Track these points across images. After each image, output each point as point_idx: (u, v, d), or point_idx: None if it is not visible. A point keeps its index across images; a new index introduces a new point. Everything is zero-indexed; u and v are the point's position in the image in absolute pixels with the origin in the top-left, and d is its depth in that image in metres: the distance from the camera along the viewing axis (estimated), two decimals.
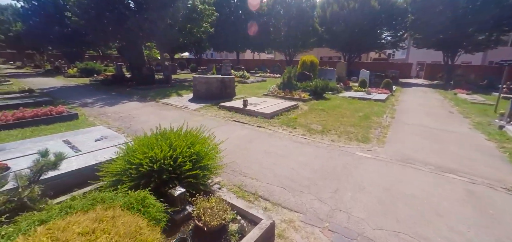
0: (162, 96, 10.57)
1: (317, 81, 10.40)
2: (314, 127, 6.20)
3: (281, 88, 10.71)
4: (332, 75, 13.51)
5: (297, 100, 9.47)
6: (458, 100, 12.16)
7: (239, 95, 10.57)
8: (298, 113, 7.63)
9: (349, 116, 7.44)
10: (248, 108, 7.41)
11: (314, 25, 28.32)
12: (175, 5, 13.68)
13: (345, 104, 9.44)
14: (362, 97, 10.81)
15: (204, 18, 16.90)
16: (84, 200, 2.19)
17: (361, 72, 17.59)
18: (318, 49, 40.73)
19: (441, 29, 21.79)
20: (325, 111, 8.04)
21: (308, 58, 12.77)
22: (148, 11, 13.60)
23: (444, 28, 21.62)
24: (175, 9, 14.06)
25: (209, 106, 8.46)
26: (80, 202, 2.14)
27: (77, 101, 9.39)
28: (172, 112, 7.78)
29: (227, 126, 6.18)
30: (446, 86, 20.56)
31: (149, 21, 13.94)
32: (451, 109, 9.71)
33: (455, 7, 20.38)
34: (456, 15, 20.56)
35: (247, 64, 42.66)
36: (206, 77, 9.23)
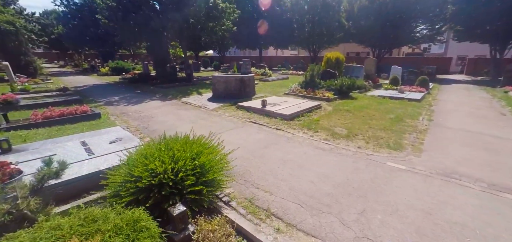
0: (183, 94, 10.59)
1: (342, 79, 9.69)
2: (338, 130, 5.65)
3: (303, 87, 10.15)
4: (359, 73, 12.60)
5: (321, 99, 8.88)
6: (510, 99, 10.61)
7: (259, 94, 10.22)
8: (320, 114, 7.09)
9: (378, 118, 6.73)
10: (266, 108, 7.03)
11: (341, 20, 26.95)
12: (196, 4, 13.67)
13: (374, 104, 8.65)
14: (393, 96, 9.87)
15: (226, 16, 16.73)
16: (74, 218, 2.00)
17: (393, 69, 16.29)
18: (345, 45, 38.89)
19: (488, 20, 19.42)
20: (351, 112, 7.39)
21: (333, 54, 12.02)
22: (171, 11, 13.76)
23: (492, 19, 19.24)
24: (196, 8, 14.07)
25: (228, 106, 8.22)
26: (70, 221, 1.95)
27: (103, 99, 9.72)
28: (190, 111, 7.67)
29: (244, 128, 5.87)
30: (493, 83, 18.33)
31: (172, 21, 14.14)
32: (503, 110, 8.45)
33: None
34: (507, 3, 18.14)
35: (270, 61, 42.19)
36: (225, 76, 9.01)
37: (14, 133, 5.23)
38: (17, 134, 5.18)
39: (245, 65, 10.75)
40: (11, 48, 16.50)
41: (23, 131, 5.39)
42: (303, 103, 7.91)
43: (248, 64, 10.77)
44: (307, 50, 32.84)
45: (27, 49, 17.58)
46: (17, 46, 16.72)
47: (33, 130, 5.60)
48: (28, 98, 8.68)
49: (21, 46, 17.03)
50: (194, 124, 6.25)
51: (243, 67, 10.85)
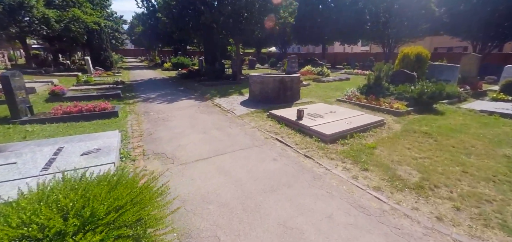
0: (222, 94, 9.70)
1: (423, 84, 6.92)
2: (404, 172, 3.53)
3: (364, 93, 7.78)
4: (451, 75, 9.18)
5: (386, 112, 6.49)
6: None
7: (305, 99, 8.40)
8: (380, 137, 4.90)
9: (481, 154, 4.14)
10: (302, 122, 5.29)
11: (429, 6, 21.65)
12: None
13: (474, 124, 5.75)
14: (507, 113, 6.54)
15: (282, 8, 15.17)
16: None
17: (506, 69, 11.69)
18: (432, 38, 31.87)
19: None
20: (431, 136, 4.91)
21: (412, 50, 9.03)
22: (222, 5, 13.10)
23: None
24: (249, 1, 13.00)
25: (259, 112, 6.80)
26: None
27: (144, 95, 9.69)
28: (213, 116, 6.58)
29: (260, 150, 4.35)
30: None
31: (223, 15, 13.50)
32: None
33: None
34: None
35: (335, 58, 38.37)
36: (262, 76, 7.57)
37: (22, 128, 5.16)
38: (24, 129, 5.07)
39: (290, 63, 9.04)
40: (95, 44, 19.07)
41: (34, 126, 5.29)
42: (358, 117, 5.79)
43: (293, 61, 9.02)
44: (380, 46, 28.14)
45: (107, 46, 20.10)
46: (99, 43, 19.24)
47: (47, 125, 5.47)
48: (76, 90, 9.28)
49: (102, 43, 19.53)
50: (205, 134, 5.09)
51: (288, 64, 9.16)
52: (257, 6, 13.94)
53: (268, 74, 7.84)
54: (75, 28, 17.44)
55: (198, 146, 4.47)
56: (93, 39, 18.92)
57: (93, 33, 18.87)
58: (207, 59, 15.34)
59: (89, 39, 18.97)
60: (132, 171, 3.42)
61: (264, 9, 14.19)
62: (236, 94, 9.59)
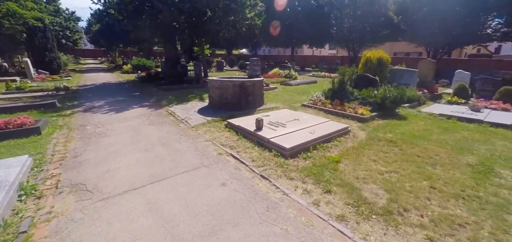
0: (180, 100, 8.79)
1: (386, 89, 6.81)
2: (370, 193, 3.09)
3: (328, 97, 7.49)
4: (410, 79, 9.37)
5: (350, 118, 6.20)
6: None
7: (269, 104, 7.88)
8: (345, 148, 4.50)
9: (446, 164, 3.91)
10: (260, 133, 4.70)
11: (388, 14, 22.84)
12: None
13: (435, 130, 5.67)
14: (464, 117, 6.67)
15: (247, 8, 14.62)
16: None
17: (457, 74, 12.44)
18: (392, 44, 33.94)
19: None
20: (396, 145, 4.64)
21: (374, 54, 9.04)
22: (182, 2, 12.14)
23: None
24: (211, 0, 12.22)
25: (217, 121, 6.09)
26: None
27: (87, 104, 8.38)
28: (162, 128, 5.71)
29: (209, 171, 3.65)
30: None
31: (183, 13, 12.55)
32: None
33: None
34: None
35: (304, 61, 39.07)
36: (220, 81, 6.87)
37: None
38: None
39: (252, 66, 8.47)
40: (38, 44, 16.72)
41: None
42: (322, 125, 5.37)
43: (256, 64, 8.47)
44: (346, 49, 29.17)
45: (53, 46, 17.77)
46: (43, 43, 16.91)
47: None
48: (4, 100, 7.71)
49: (47, 42, 17.21)
50: (146, 153, 4.24)
51: (250, 68, 8.57)
52: (221, 5, 13.23)
53: (228, 78, 7.16)
54: (10, 25, 15.06)
55: (132, 170, 3.63)
56: (35, 38, 16.55)
57: (36, 31, 16.51)
58: (168, 61, 14.18)
59: (30, 38, 16.56)
60: (30, 216, 2.51)
61: (228, 9, 13.52)
62: (196, 100, 8.76)
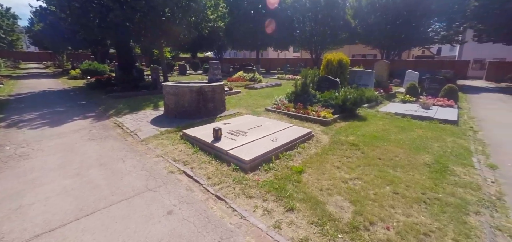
0: (132, 109, 7.90)
1: (346, 91, 6.86)
2: (335, 206, 2.85)
3: (292, 101, 7.35)
4: (368, 80, 9.75)
5: (314, 121, 6.08)
6: None
7: (231, 110, 7.46)
8: (309, 155, 4.28)
9: (406, 165, 3.91)
10: (218, 144, 4.25)
11: (346, 18, 24.09)
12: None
13: (393, 129, 5.81)
14: (417, 115, 7.02)
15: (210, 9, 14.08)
16: None
17: (408, 74, 13.41)
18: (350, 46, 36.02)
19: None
20: (359, 148, 4.57)
21: (334, 56, 9.20)
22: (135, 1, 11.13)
23: None
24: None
25: (172, 132, 5.49)
26: None
27: (14, 117, 7.06)
28: (105, 144, 4.93)
29: (154, 196, 3.11)
30: None
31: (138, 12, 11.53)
32: None
33: None
34: None
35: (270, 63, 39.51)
36: (176, 87, 6.26)
37: None
38: None
39: (212, 69, 7.97)
40: None
41: None
42: (285, 131, 5.12)
43: (216, 68, 7.99)
44: (309, 52, 30.08)
45: None
46: None
47: None
48: None
49: None
50: (76, 178, 3.51)
51: (210, 72, 8.07)
52: (180, 5, 12.48)
53: (185, 84, 6.57)
54: None
55: (53, 203, 2.91)
56: None
57: None
58: (121, 65, 12.95)
59: None
60: None
61: (188, 8, 12.82)
62: (150, 108, 7.96)
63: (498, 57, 27.67)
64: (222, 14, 15.62)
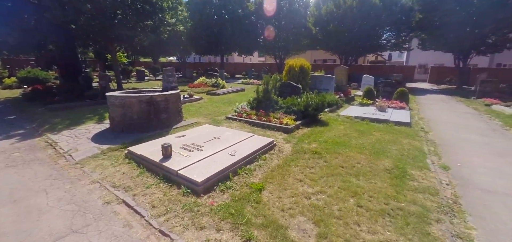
0: (72, 123, 6.83)
1: (308, 96, 6.78)
2: (298, 231, 2.55)
3: (254, 107, 7.05)
4: (329, 84, 9.95)
5: (276, 129, 5.83)
6: (503, 116, 8.75)
7: (190, 120, 6.88)
8: (270, 167, 3.97)
9: (368, 172, 3.81)
10: (167, 164, 3.71)
11: (307, 25, 24.93)
12: None
13: (354, 133, 5.84)
14: (375, 118, 7.25)
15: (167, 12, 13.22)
16: None
17: (364, 78, 14.16)
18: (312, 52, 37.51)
19: (454, 29, 18.62)
20: (321, 156, 4.40)
21: (296, 62, 9.20)
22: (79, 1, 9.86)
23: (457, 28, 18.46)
24: None
25: (116, 150, 4.75)
26: None
27: None
28: (27, 170, 4.03)
29: (78, 240, 2.48)
30: (462, 92, 17.38)
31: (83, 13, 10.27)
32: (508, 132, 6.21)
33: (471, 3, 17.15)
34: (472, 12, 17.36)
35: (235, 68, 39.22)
36: (122, 97, 5.51)
37: None
38: None
39: (166, 77, 7.31)
40: None
41: None
42: (246, 142, 4.75)
43: (170, 75, 7.35)
44: (273, 57, 30.48)
45: None
46: None
47: None
48: None
49: None
50: None
51: (164, 79, 7.40)
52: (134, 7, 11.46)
53: (134, 93, 5.85)
54: None
55: None
56: None
57: None
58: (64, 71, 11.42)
59: None
60: None
61: (143, 11, 11.84)
62: (94, 122, 6.98)
63: (438, 62, 31.16)
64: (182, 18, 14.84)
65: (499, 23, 17.18)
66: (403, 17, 21.98)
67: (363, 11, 20.28)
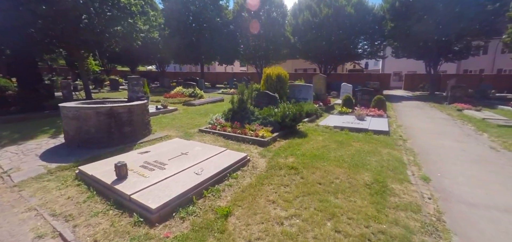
0: (23, 137, 6.01)
1: (285, 106, 6.49)
2: None
3: (229, 119, 6.64)
4: (307, 93, 9.79)
5: (251, 142, 5.44)
6: (474, 120, 9.02)
7: (159, 133, 6.31)
8: (241, 187, 3.56)
9: (346, 188, 3.51)
10: (119, 186, 3.17)
11: (286, 35, 25.15)
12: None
13: (332, 144, 5.59)
14: (354, 127, 7.10)
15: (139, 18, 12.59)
16: None
17: (343, 86, 14.28)
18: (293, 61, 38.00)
19: (423, 37, 19.60)
20: (298, 171, 4.06)
21: (273, 71, 8.96)
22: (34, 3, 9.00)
23: (426, 36, 19.46)
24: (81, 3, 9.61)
25: (66, 169, 4.12)
26: None
27: None
28: None
29: None
30: (435, 98, 18.18)
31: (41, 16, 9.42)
32: (489, 141, 6.28)
33: (437, 13, 18.19)
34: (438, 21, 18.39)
35: (216, 78, 38.73)
36: (76, 108, 4.88)
37: None
38: None
39: (132, 87, 6.73)
40: None
41: None
42: (216, 158, 4.31)
43: (136, 84, 6.78)
44: (254, 66, 30.37)
45: None
46: None
47: None
48: None
49: None
50: None
51: (130, 89, 6.82)
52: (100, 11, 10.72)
53: (92, 104, 5.23)
54: None
55: None
56: None
57: None
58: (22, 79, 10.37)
59: None
60: None
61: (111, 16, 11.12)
62: (48, 135, 6.20)
63: (411, 70, 32.69)
64: (156, 25, 14.24)
65: (462, 32, 18.32)
66: (376, 26, 22.83)
67: (340, 21, 20.79)
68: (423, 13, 18.72)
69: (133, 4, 11.63)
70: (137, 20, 12.76)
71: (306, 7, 22.58)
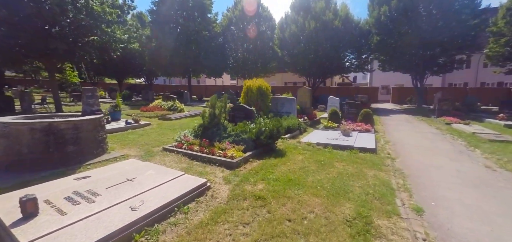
0: None
1: (261, 122, 5.81)
2: None
3: (198, 136, 5.89)
4: (291, 107, 9.19)
5: (219, 163, 4.70)
6: (464, 135, 8.61)
7: (115, 153, 5.48)
8: (189, 225, 2.79)
9: (322, 227, 2.80)
10: (16, 230, 2.36)
11: (274, 48, 24.93)
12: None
13: (312, 165, 4.90)
14: (339, 144, 6.47)
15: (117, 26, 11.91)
16: None
17: (330, 100, 13.78)
18: (282, 74, 37.87)
19: (408, 50, 19.66)
20: (265, 202, 3.32)
21: (254, 83, 8.35)
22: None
23: (410, 49, 19.53)
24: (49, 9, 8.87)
25: None
26: None
27: None
28: None
29: None
30: (422, 111, 17.99)
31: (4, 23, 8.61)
32: (482, 158, 5.75)
33: (420, 28, 18.35)
34: (422, 35, 18.51)
35: (205, 91, 38.12)
36: (5, 124, 4.06)
37: None
38: None
39: (86, 99, 5.95)
40: None
41: None
42: (166, 186, 3.54)
43: (90, 97, 6.02)
44: (243, 79, 29.94)
45: None
46: None
47: None
48: None
49: None
50: None
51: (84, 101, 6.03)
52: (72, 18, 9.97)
53: (26, 120, 4.40)
54: None
55: None
56: None
57: None
58: None
59: None
60: None
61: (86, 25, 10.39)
62: None
63: (398, 83, 32.93)
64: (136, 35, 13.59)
65: (445, 45, 18.49)
66: (362, 40, 22.89)
67: (327, 35, 20.69)
68: (407, 27, 18.85)
69: (108, 13, 10.97)
70: (115, 30, 12.08)
71: (292, 21, 22.50)
